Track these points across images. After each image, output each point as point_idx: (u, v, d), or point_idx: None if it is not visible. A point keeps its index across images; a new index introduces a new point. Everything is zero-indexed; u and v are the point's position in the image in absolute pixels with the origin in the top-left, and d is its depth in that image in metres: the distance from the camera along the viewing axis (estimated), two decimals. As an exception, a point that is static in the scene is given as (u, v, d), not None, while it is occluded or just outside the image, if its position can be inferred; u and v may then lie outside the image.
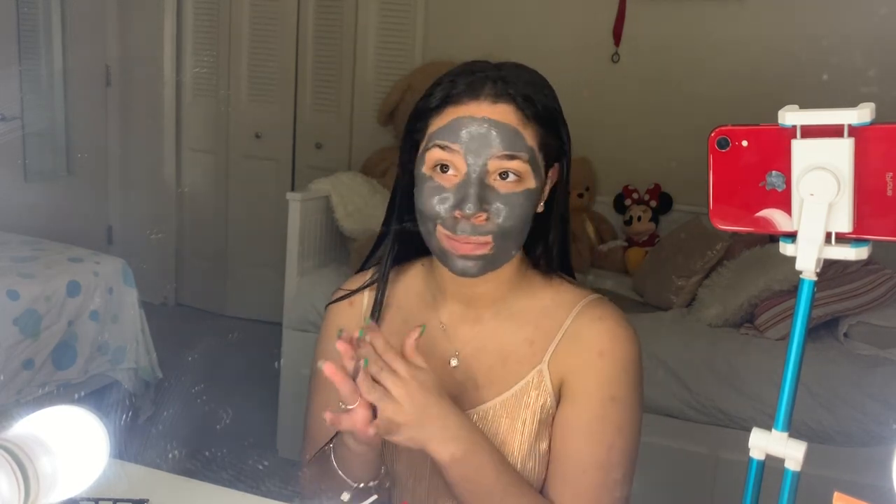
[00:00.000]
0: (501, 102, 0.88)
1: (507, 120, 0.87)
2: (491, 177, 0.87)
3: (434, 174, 0.89)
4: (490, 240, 0.87)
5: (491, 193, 0.87)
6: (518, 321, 0.97)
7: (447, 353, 0.98)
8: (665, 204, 3.23)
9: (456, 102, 0.89)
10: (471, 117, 0.87)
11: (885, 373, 2.16)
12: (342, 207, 2.86)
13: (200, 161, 4.08)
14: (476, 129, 0.86)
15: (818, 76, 2.78)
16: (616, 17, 3.28)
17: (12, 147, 3.47)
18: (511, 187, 0.87)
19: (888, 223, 0.56)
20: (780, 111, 0.58)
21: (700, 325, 2.46)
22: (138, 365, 2.79)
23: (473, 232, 0.87)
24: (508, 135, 0.86)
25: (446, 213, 0.87)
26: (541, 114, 0.89)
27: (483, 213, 0.86)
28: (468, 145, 0.86)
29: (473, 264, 0.88)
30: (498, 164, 0.86)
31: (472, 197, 0.85)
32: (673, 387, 2.30)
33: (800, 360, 0.59)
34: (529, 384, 0.94)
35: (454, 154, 0.87)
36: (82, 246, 2.93)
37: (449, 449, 0.83)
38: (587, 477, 0.91)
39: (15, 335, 2.38)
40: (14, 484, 0.57)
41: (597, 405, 0.92)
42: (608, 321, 0.95)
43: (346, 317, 1.05)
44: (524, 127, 0.88)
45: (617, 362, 0.93)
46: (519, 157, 0.87)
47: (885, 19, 2.88)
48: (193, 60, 3.98)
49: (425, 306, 1.01)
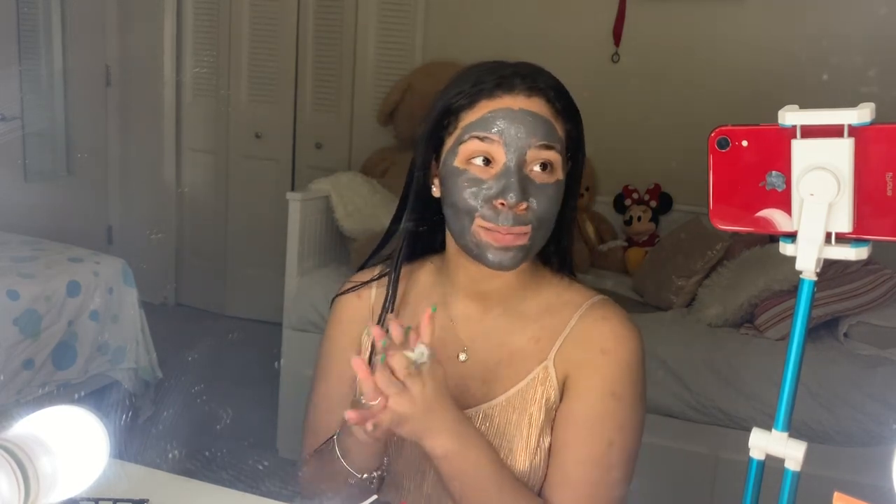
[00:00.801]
0: (535, 95, 0.90)
1: (542, 112, 0.90)
2: (528, 167, 0.89)
3: (469, 167, 0.90)
4: (529, 230, 0.89)
5: (529, 184, 0.89)
6: (525, 319, 0.98)
7: (455, 348, 0.99)
8: (665, 204, 3.23)
9: (489, 97, 0.90)
10: (508, 109, 0.89)
11: (885, 373, 2.16)
12: (342, 207, 2.86)
13: (200, 161, 4.08)
14: (514, 119, 0.89)
15: (818, 76, 2.78)
16: (616, 17, 3.28)
17: (12, 147, 3.47)
18: (545, 178, 0.90)
19: (888, 223, 0.56)
20: (780, 111, 0.58)
21: (700, 325, 2.46)
22: (138, 365, 2.79)
23: (516, 222, 0.88)
24: (545, 125, 0.89)
25: (485, 204, 0.88)
26: (568, 108, 0.93)
27: (524, 203, 0.88)
28: (506, 136, 0.88)
29: (511, 255, 0.89)
30: (536, 153, 0.89)
31: (515, 186, 0.87)
32: (673, 387, 2.30)
33: (800, 360, 0.59)
34: (535, 380, 0.95)
35: (493, 144, 0.89)
36: (82, 246, 2.93)
37: (444, 442, 0.84)
38: (585, 472, 0.91)
39: (15, 335, 2.38)
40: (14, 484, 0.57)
41: (598, 402, 0.93)
42: (613, 321, 0.96)
43: (353, 309, 1.06)
44: (555, 119, 0.91)
45: (620, 361, 0.94)
46: (554, 148, 0.90)
47: (885, 19, 2.88)
48: (193, 60, 3.98)
49: (434, 300, 1.01)
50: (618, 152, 3.34)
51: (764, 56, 3.04)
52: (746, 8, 3.09)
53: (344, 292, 1.07)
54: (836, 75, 2.75)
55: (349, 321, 1.05)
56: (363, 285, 1.06)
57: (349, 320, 1.06)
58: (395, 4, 3.63)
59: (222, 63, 3.91)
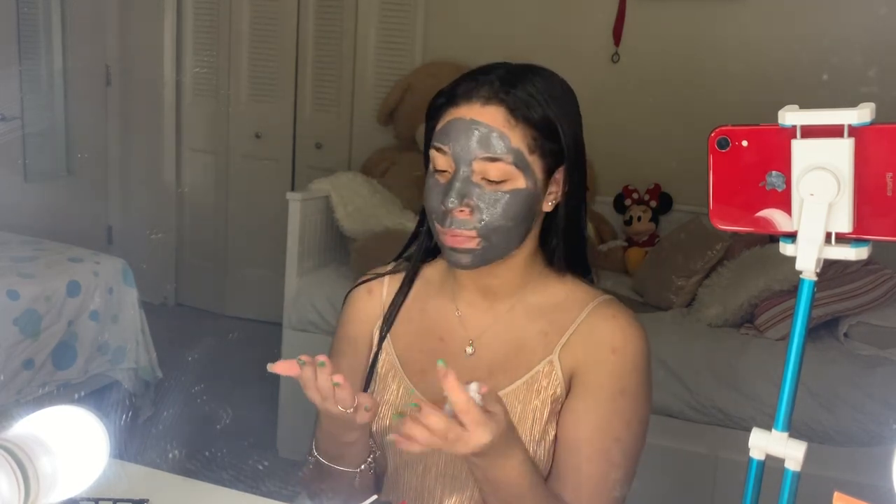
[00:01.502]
0: (491, 104, 0.90)
1: (493, 122, 0.90)
2: (476, 176, 0.90)
3: (434, 173, 0.94)
4: (475, 235, 0.91)
5: (475, 191, 0.90)
6: (532, 314, 1.00)
7: (463, 341, 1.01)
8: (665, 204, 3.23)
9: (454, 104, 0.92)
10: (461, 119, 0.91)
11: (885, 373, 2.16)
12: (342, 207, 2.86)
13: (200, 161, 4.08)
14: (463, 130, 0.90)
15: (818, 76, 2.78)
16: (616, 17, 3.28)
17: (12, 147, 3.47)
18: (497, 188, 0.90)
19: (888, 223, 0.56)
20: (780, 111, 0.58)
21: (700, 325, 2.45)
22: (138, 365, 2.79)
23: (459, 225, 0.91)
24: (492, 137, 0.89)
25: (438, 209, 0.92)
26: (533, 117, 0.91)
27: (465, 208, 0.90)
28: (455, 147, 0.90)
29: (462, 257, 0.92)
30: (481, 165, 0.90)
31: (454, 192, 0.90)
32: (673, 387, 2.30)
33: (800, 360, 0.59)
34: (540, 373, 0.97)
35: (446, 156, 0.91)
36: (82, 246, 2.93)
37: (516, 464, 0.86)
38: (591, 467, 0.93)
39: (15, 335, 2.38)
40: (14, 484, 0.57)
41: (607, 398, 0.94)
42: (620, 319, 0.98)
43: (364, 304, 1.08)
44: (511, 129, 0.90)
45: (628, 358, 0.95)
46: (501, 160, 0.89)
47: (885, 19, 2.88)
48: (193, 60, 3.98)
49: (443, 296, 1.04)
50: (618, 152, 3.33)
51: (764, 56, 3.04)
52: (747, 8, 3.09)
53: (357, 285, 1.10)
54: (836, 75, 2.75)
55: (359, 316, 1.08)
56: (376, 278, 1.09)
57: (359, 315, 1.08)
58: (395, 4, 3.63)
59: (222, 63, 3.91)
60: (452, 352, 1.01)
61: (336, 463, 0.96)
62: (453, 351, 1.01)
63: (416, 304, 1.05)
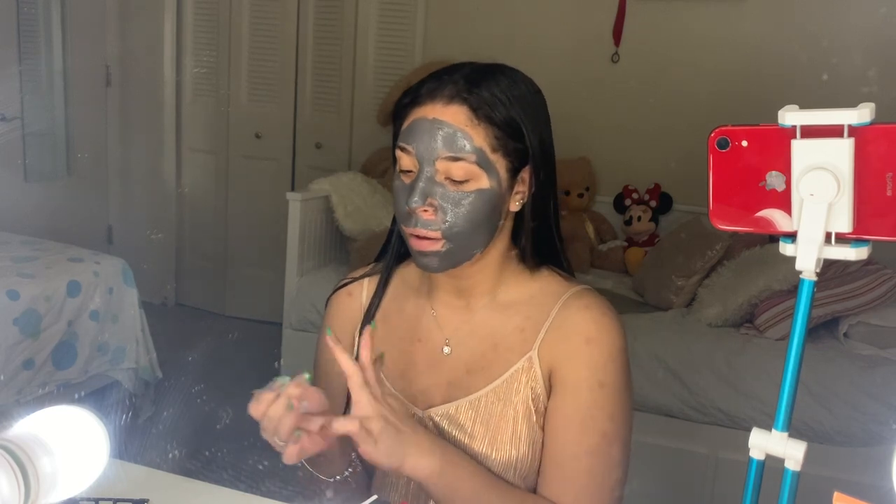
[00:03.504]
0: (454, 104, 0.90)
1: (454, 121, 0.89)
2: (440, 176, 0.90)
3: (400, 174, 0.93)
4: (440, 236, 0.90)
5: (438, 190, 0.90)
6: (508, 311, 0.99)
7: (440, 342, 1.01)
8: (665, 204, 3.23)
9: (418, 104, 0.92)
10: (423, 118, 0.90)
11: (885, 373, 2.16)
12: (342, 207, 2.86)
13: (200, 161, 4.08)
14: (426, 129, 0.90)
15: (818, 76, 2.78)
16: (616, 17, 3.28)
17: (12, 147, 3.47)
18: (460, 188, 0.90)
19: (888, 223, 0.56)
20: (780, 111, 0.58)
21: (700, 325, 2.45)
22: (138, 365, 2.79)
23: (423, 226, 0.90)
24: (454, 136, 0.89)
25: (403, 210, 0.91)
26: (496, 116, 0.90)
27: (429, 208, 0.90)
28: (418, 146, 0.90)
29: (430, 260, 0.92)
30: (444, 165, 0.89)
31: (417, 191, 0.89)
32: (673, 387, 2.30)
33: (800, 360, 0.59)
34: (519, 371, 0.96)
35: (410, 156, 0.91)
36: (82, 246, 2.93)
37: (426, 463, 0.86)
38: (579, 463, 0.92)
39: (15, 335, 2.38)
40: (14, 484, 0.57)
41: (587, 392, 0.93)
42: (594, 310, 0.96)
43: (344, 307, 1.08)
44: (474, 128, 0.89)
45: (604, 349, 0.94)
46: (463, 159, 0.89)
47: (885, 19, 2.88)
48: (193, 60, 3.98)
49: (420, 296, 1.04)
50: (618, 152, 3.34)
51: (764, 56, 3.04)
52: (746, 8, 3.09)
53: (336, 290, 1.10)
54: (836, 75, 2.75)
55: (341, 319, 1.08)
56: (353, 281, 1.09)
57: (341, 318, 1.08)
58: (395, 4, 3.63)
59: (222, 63, 3.91)
60: (430, 352, 1.00)
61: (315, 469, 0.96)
62: (431, 351, 1.00)
63: (395, 305, 1.05)
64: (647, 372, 2.30)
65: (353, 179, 3.03)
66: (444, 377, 0.99)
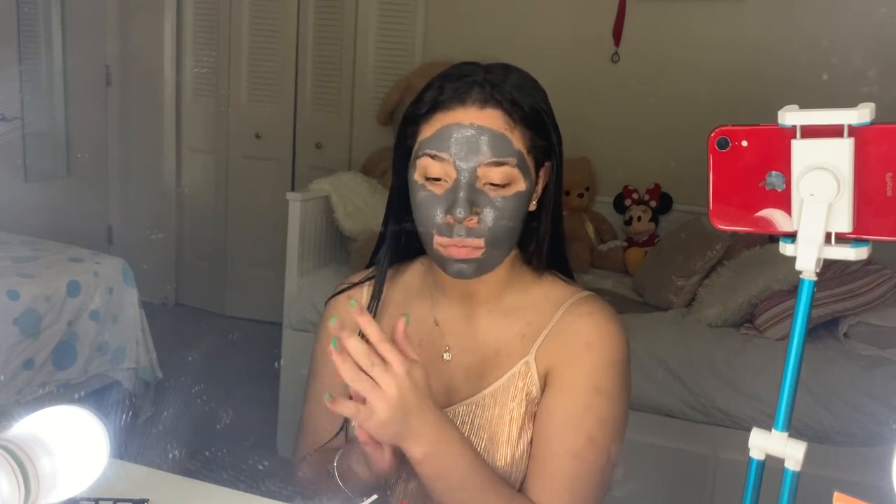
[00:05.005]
0: (489, 107, 0.89)
1: (494, 125, 0.88)
2: (480, 182, 0.88)
3: (426, 182, 0.91)
4: (482, 244, 0.89)
5: (481, 197, 0.88)
6: (511, 317, 0.98)
7: (440, 347, 1.00)
8: (665, 204, 3.23)
9: (444, 109, 0.90)
10: (458, 124, 0.88)
11: (885, 373, 2.16)
12: (342, 207, 2.86)
13: (200, 161, 4.08)
14: (464, 135, 0.88)
15: (818, 76, 2.78)
16: (616, 17, 3.28)
17: (12, 147, 3.47)
18: (501, 192, 0.89)
19: (888, 223, 0.56)
20: (780, 111, 0.58)
21: (700, 325, 2.45)
22: (138, 365, 2.79)
23: (468, 234, 0.89)
24: (496, 140, 0.88)
25: (441, 220, 0.89)
26: (528, 116, 0.90)
27: (474, 217, 0.88)
28: (457, 153, 0.88)
29: (468, 267, 0.91)
30: (486, 171, 0.88)
31: (462, 201, 0.87)
32: (673, 387, 2.30)
33: (800, 360, 0.59)
34: (516, 375, 0.96)
35: (444, 163, 0.89)
36: (82, 246, 2.93)
37: (422, 446, 0.84)
38: (563, 465, 0.91)
39: (15, 335, 2.38)
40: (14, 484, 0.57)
41: (581, 395, 0.92)
42: (597, 316, 0.95)
43: (344, 311, 1.06)
44: (511, 131, 0.89)
45: (604, 356, 0.93)
46: (507, 163, 0.88)
47: (885, 19, 2.88)
48: (193, 60, 3.98)
49: (422, 303, 1.03)
50: (618, 152, 3.34)
51: (764, 56, 3.04)
52: (746, 8, 3.09)
53: (336, 294, 1.09)
54: (836, 75, 2.75)
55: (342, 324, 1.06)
56: (353, 286, 1.07)
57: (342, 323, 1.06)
58: (395, 4, 3.63)
59: (222, 63, 3.91)
60: (430, 358, 0.99)
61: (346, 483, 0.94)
62: (431, 357, 0.99)
63: (396, 310, 1.04)
64: (647, 372, 2.30)
65: (353, 179, 3.03)
66: (443, 382, 0.98)
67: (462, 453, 0.87)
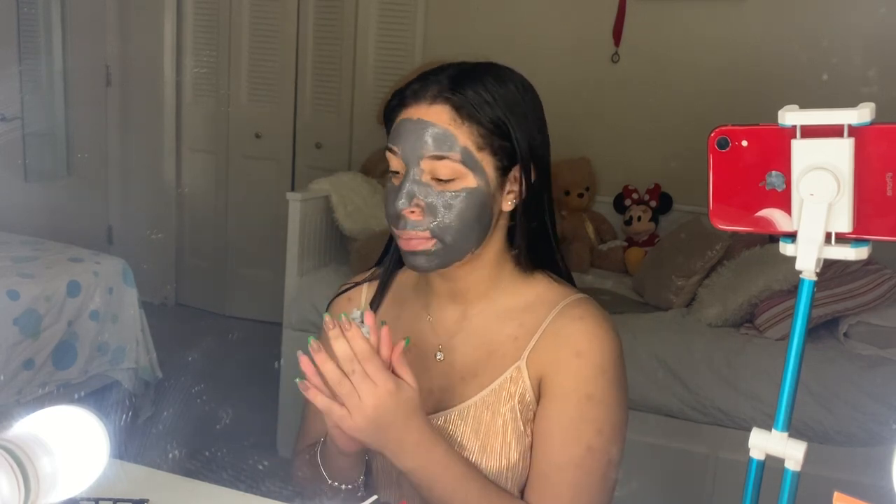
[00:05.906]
0: (437, 103, 0.90)
1: (438, 120, 0.89)
2: (426, 176, 0.90)
3: (391, 175, 0.94)
4: (429, 236, 0.90)
5: (426, 191, 0.90)
6: (503, 318, 0.98)
7: (433, 347, 1.00)
8: (665, 204, 3.23)
9: (404, 105, 0.92)
10: (408, 119, 0.90)
11: (885, 373, 2.16)
12: (342, 207, 2.86)
13: (200, 161, 4.08)
14: (411, 129, 0.90)
15: (818, 76, 2.78)
16: (616, 17, 3.28)
17: (12, 147, 3.47)
18: (447, 187, 0.90)
19: (888, 223, 0.56)
20: (780, 111, 0.58)
21: (700, 325, 2.45)
22: (138, 365, 2.79)
23: (412, 227, 0.90)
24: (437, 135, 0.89)
25: (393, 211, 0.91)
26: (480, 114, 0.89)
27: (416, 209, 0.90)
28: (404, 147, 0.90)
29: (419, 259, 0.92)
30: (429, 164, 0.89)
31: (403, 194, 0.89)
32: (673, 387, 2.30)
33: (800, 360, 0.59)
34: (508, 380, 0.95)
35: (397, 157, 0.91)
36: (82, 246, 2.93)
37: (403, 462, 0.87)
38: (565, 476, 0.91)
39: (15, 335, 2.38)
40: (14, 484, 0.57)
41: (574, 404, 0.92)
42: (588, 321, 0.94)
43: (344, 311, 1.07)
44: (457, 127, 0.89)
45: (594, 363, 0.92)
46: (448, 158, 0.89)
47: (885, 19, 2.88)
48: (193, 60, 3.98)
49: (417, 301, 1.04)
50: (618, 152, 3.34)
51: (764, 56, 3.04)
52: (746, 8, 3.10)
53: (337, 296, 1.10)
54: (836, 75, 2.75)
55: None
56: (354, 286, 1.08)
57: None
58: (395, 4, 3.63)
59: (222, 63, 3.91)
60: (424, 358, 0.99)
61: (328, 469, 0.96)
62: (424, 357, 0.99)
63: (393, 310, 1.05)
64: (647, 372, 2.30)
65: (353, 179, 3.03)
66: (435, 383, 0.98)
67: (448, 466, 0.88)
